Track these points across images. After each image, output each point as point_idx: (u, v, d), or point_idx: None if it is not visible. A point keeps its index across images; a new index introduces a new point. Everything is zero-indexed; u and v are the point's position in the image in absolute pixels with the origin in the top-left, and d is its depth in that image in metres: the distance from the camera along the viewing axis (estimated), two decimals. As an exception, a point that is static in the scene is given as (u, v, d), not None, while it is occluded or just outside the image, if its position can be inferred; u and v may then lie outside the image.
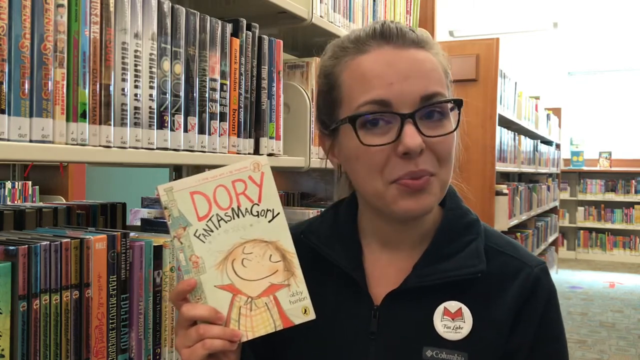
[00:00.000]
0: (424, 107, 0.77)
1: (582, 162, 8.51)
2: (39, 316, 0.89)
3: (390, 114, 0.76)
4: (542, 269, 0.85)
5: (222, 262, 0.76)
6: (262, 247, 0.77)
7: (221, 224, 0.77)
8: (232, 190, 0.76)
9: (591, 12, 7.56)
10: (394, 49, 0.79)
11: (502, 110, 3.76)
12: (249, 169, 0.77)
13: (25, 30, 0.82)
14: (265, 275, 0.77)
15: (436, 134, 0.77)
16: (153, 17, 1.04)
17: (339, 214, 0.92)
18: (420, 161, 0.76)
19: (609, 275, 7.32)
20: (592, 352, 4.23)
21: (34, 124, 0.84)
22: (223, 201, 0.76)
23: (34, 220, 1.27)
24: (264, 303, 0.76)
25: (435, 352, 0.80)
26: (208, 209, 0.76)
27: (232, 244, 0.77)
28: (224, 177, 0.77)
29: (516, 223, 4.24)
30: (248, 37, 1.31)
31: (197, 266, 0.76)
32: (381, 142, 0.77)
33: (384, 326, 0.83)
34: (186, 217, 0.76)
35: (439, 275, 0.82)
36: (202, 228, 0.76)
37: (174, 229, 0.76)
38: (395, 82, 0.77)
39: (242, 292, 0.76)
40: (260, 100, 1.36)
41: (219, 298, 0.76)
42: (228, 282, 0.76)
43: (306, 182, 2.28)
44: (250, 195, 0.77)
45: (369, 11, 1.94)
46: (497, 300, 0.82)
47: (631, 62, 8.32)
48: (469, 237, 0.85)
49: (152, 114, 1.05)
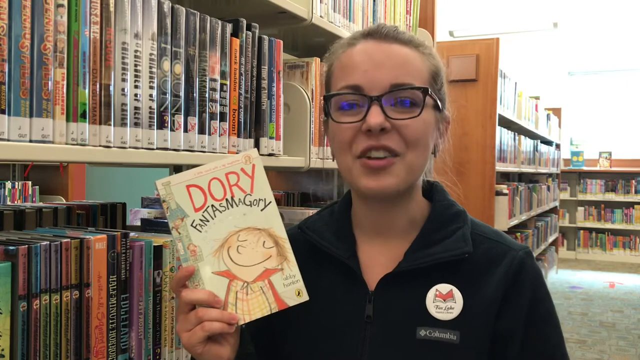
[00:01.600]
0: (391, 91, 0.83)
1: (582, 162, 8.51)
2: (39, 316, 0.89)
3: (360, 95, 0.84)
4: (527, 252, 0.90)
5: (218, 250, 0.81)
6: (256, 234, 0.81)
7: (216, 214, 0.81)
8: (226, 182, 0.81)
9: (591, 12, 7.55)
10: (375, 42, 0.86)
11: (502, 110, 3.76)
12: (240, 161, 0.81)
13: (25, 30, 0.82)
14: (259, 260, 0.81)
15: (402, 117, 0.83)
16: (153, 17, 1.04)
17: (334, 210, 0.98)
18: (383, 138, 0.82)
19: (609, 275, 7.32)
20: (592, 352, 4.23)
21: (34, 124, 0.84)
22: (217, 192, 0.81)
23: (34, 220, 1.27)
24: (259, 287, 0.80)
25: (428, 332, 0.84)
26: (204, 200, 0.81)
27: (228, 232, 0.81)
28: (218, 170, 0.81)
29: (516, 223, 4.24)
30: (248, 37, 1.31)
31: (194, 254, 0.80)
32: (350, 120, 0.84)
33: (379, 310, 0.87)
34: (183, 208, 0.80)
35: (428, 258, 0.86)
36: (199, 218, 0.81)
37: (172, 220, 0.81)
38: (369, 69, 0.84)
39: (238, 277, 0.81)
40: (260, 100, 1.36)
41: (216, 284, 0.80)
42: (225, 268, 0.81)
43: (306, 182, 2.28)
44: (242, 186, 0.81)
45: (369, 11, 1.94)
46: (484, 282, 0.86)
47: (631, 62, 8.32)
48: (456, 225, 0.90)
49: (152, 114, 1.05)
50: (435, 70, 0.88)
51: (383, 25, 0.88)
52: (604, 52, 8.34)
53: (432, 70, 0.88)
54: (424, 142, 0.85)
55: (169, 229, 0.82)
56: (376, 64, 0.84)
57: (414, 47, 0.87)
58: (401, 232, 0.91)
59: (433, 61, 0.89)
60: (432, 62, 0.88)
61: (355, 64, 0.85)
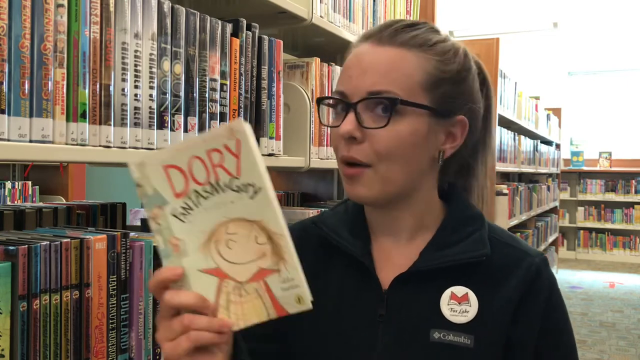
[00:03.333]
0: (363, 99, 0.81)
1: (582, 162, 8.51)
2: (39, 316, 0.89)
3: (342, 102, 0.83)
4: (543, 259, 0.88)
5: (205, 244, 0.68)
6: (247, 227, 0.67)
7: (200, 200, 0.67)
8: (208, 161, 0.66)
9: (591, 12, 7.55)
10: (370, 45, 0.83)
11: (502, 110, 3.77)
12: (223, 136, 0.64)
13: (25, 30, 0.82)
14: (252, 258, 0.67)
15: (371, 126, 0.80)
16: (153, 17, 1.04)
17: (348, 207, 0.96)
18: (354, 149, 0.81)
19: (609, 275, 7.32)
20: (592, 352, 4.23)
21: (34, 124, 0.84)
22: (199, 175, 0.66)
23: (34, 220, 1.27)
24: (254, 289, 0.68)
25: (442, 334, 0.82)
26: (184, 184, 0.67)
27: (215, 223, 0.67)
28: (198, 147, 0.66)
29: (516, 223, 4.24)
30: (248, 37, 1.31)
31: (177, 249, 0.68)
32: (333, 125, 0.85)
33: (392, 309, 0.85)
34: (162, 194, 0.67)
35: (445, 259, 0.84)
36: (180, 206, 0.67)
37: (149, 209, 0.68)
38: (354, 76, 0.82)
39: (229, 276, 0.68)
40: (260, 100, 1.36)
41: (204, 283, 0.68)
42: (214, 265, 0.68)
43: (306, 182, 2.28)
44: (228, 167, 0.65)
45: (369, 11, 1.94)
46: (500, 287, 0.85)
47: (631, 62, 8.31)
48: (473, 228, 0.88)
49: (152, 114, 1.05)
50: (440, 72, 0.82)
51: (385, 26, 0.84)
52: (604, 52, 8.33)
53: (431, 72, 0.81)
54: (400, 153, 0.80)
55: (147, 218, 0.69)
56: (362, 70, 0.81)
57: (410, 48, 0.81)
58: (413, 233, 0.89)
59: (438, 62, 0.82)
60: (436, 63, 0.82)
61: (346, 69, 0.84)
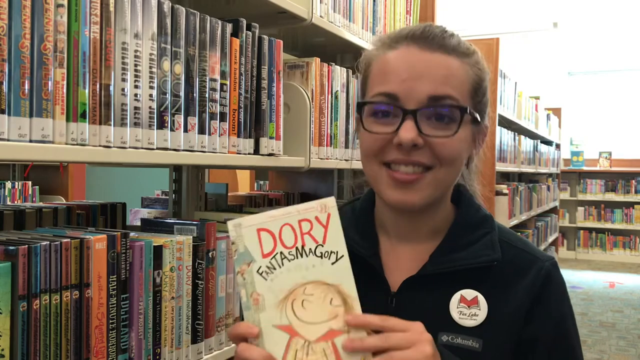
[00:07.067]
0: (428, 106, 0.79)
1: (582, 162, 8.51)
2: (39, 316, 0.89)
3: (395, 107, 0.80)
4: (553, 263, 0.88)
5: (282, 302, 0.75)
6: (324, 290, 0.75)
7: (284, 262, 0.75)
8: (298, 229, 0.75)
9: (591, 12, 7.54)
10: (418, 49, 0.82)
11: (502, 110, 3.76)
12: (315, 209, 0.76)
13: (25, 30, 0.82)
14: (325, 319, 0.74)
15: (436, 134, 0.79)
16: (153, 17, 1.04)
17: (356, 208, 0.95)
18: (414, 153, 0.80)
19: (609, 275, 7.32)
20: (592, 352, 4.23)
21: (34, 124, 0.84)
22: (288, 240, 0.75)
23: (34, 220, 1.27)
24: (321, 348, 0.73)
25: (450, 337, 0.82)
26: (273, 246, 0.75)
27: (294, 284, 0.75)
28: (291, 216, 0.76)
29: (516, 223, 4.23)
30: (248, 37, 1.31)
31: (257, 303, 0.75)
32: (382, 131, 0.81)
33: (401, 312, 0.84)
34: (251, 253, 0.75)
35: (455, 263, 0.84)
36: (266, 265, 0.75)
37: (239, 265, 0.75)
38: (408, 79, 0.80)
39: (300, 334, 0.74)
40: (260, 100, 1.36)
41: (276, 338, 0.74)
42: (287, 322, 0.74)
43: (306, 182, 2.28)
44: (315, 235, 0.75)
45: (369, 11, 1.94)
46: (510, 291, 0.85)
47: (631, 62, 8.32)
48: (483, 231, 0.88)
49: (152, 114, 1.05)
50: (478, 81, 0.84)
51: (430, 29, 0.83)
52: (604, 52, 8.33)
53: (474, 80, 0.83)
54: (459, 160, 0.83)
55: (234, 273, 0.77)
56: (416, 74, 0.79)
57: (458, 56, 0.82)
58: (424, 236, 0.89)
59: (477, 71, 0.84)
60: (475, 72, 0.84)
61: (394, 70, 0.81)
